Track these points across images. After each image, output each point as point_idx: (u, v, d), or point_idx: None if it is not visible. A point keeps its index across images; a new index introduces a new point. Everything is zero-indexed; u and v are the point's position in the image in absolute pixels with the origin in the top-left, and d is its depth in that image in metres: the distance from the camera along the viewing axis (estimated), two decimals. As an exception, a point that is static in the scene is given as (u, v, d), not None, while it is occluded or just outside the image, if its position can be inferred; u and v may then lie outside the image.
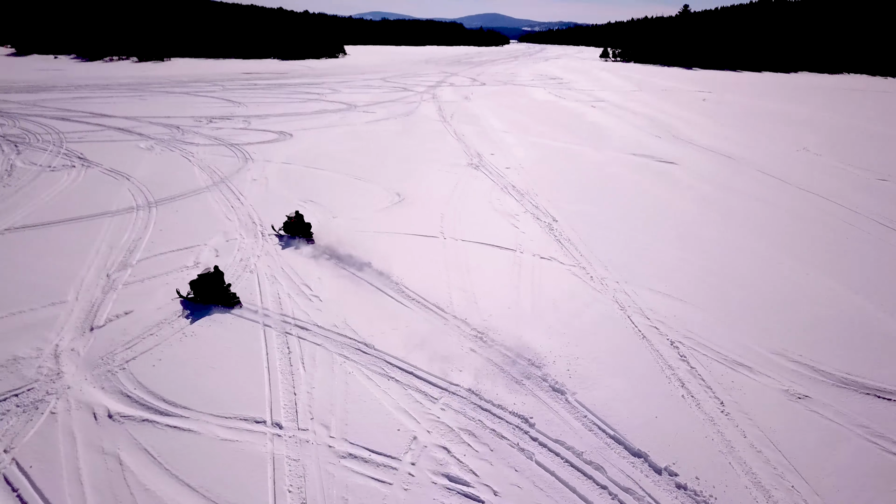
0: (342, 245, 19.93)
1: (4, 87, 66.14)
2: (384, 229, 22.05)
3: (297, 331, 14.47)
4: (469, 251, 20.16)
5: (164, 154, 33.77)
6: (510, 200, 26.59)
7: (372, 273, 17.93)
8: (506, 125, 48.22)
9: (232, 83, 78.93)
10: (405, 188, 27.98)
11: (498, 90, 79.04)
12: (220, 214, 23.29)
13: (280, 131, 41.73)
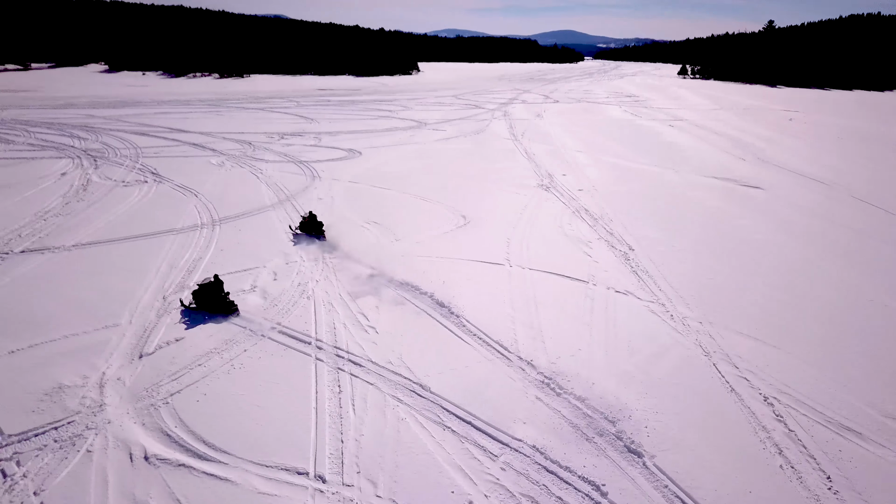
0: (402, 271, 19.02)
1: (93, 102, 69.10)
2: (447, 254, 21.00)
3: (350, 367, 13.53)
4: (537, 281, 18.86)
5: (234, 170, 33.91)
6: (582, 225, 25.13)
7: (432, 303, 16.88)
8: (579, 144, 46.64)
9: (306, 99, 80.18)
10: (471, 210, 26.93)
11: (571, 108, 77.35)
12: (283, 235, 22.81)
13: (349, 149, 41.51)
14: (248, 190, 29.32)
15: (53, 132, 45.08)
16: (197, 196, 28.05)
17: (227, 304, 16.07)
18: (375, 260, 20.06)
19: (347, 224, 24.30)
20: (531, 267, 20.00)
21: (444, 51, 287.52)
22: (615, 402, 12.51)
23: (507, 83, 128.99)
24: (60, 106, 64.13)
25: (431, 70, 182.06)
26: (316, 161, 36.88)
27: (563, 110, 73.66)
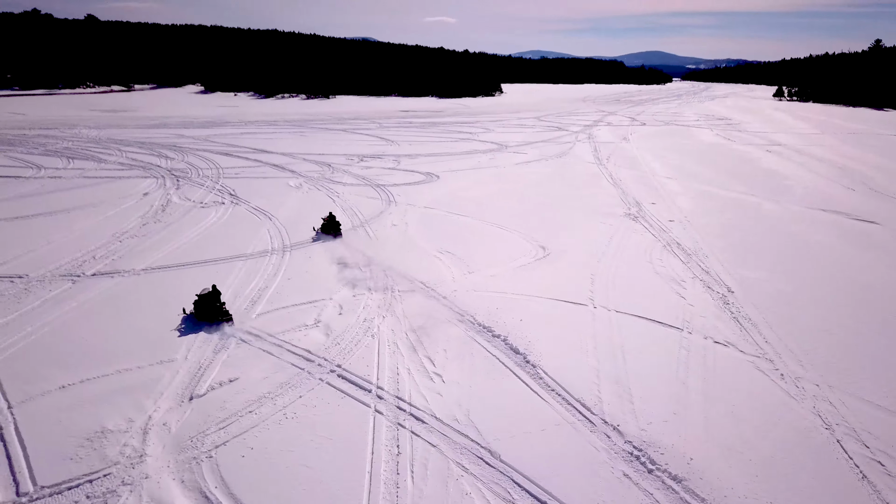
0: (473, 309, 17.58)
1: (185, 122, 71.59)
2: (524, 290, 19.39)
3: (412, 422, 12.15)
4: (624, 326, 16.97)
5: (311, 193, 33.52)
6: (675, 262, 22.97)
7: (505, 348, 15.32)
8: (668, 170, 44.07)
9: (388, 121, 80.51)
10: (552, 240, 25.24)
11: (659, 131, 74.27)
12: (353, 263, 21.83)
13: (427, 172, 40.62)
14: (324, 214, 28.67)
15: (143, 151, 46.44)
16: (271, 219, 27.62)
17: (223, 312, 16.62)
18: (446, 295, 18.71)
19: (419, 253, 23.12)
20: (618, 309, 18.11)
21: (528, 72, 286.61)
22: (718, 484, 10.56)
23: (591, 105, 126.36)
24: (154, 125, 66.67)
25: (514, 91, 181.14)
26: (393, 185, 36.10)
27: (651, 133, 70.76)
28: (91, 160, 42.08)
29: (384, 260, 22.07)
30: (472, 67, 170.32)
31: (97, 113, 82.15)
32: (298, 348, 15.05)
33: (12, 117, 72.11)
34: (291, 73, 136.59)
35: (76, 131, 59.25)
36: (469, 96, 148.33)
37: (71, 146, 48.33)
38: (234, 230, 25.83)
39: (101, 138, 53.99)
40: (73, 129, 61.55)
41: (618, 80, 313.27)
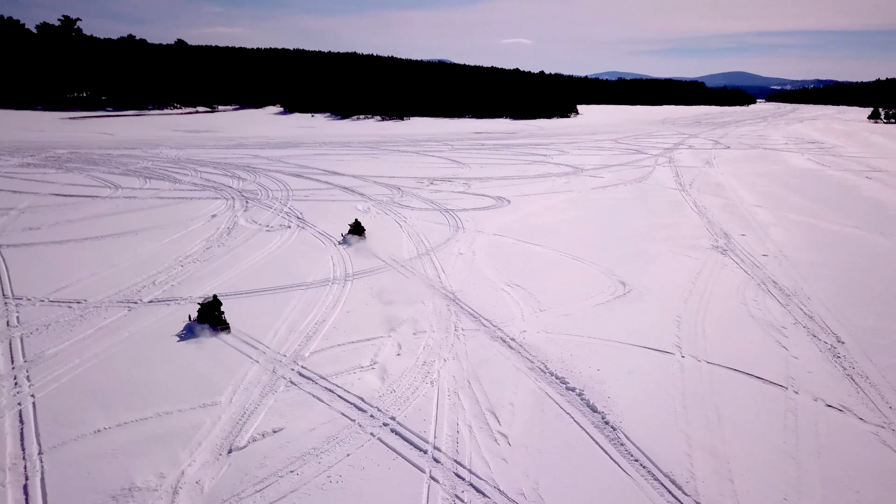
0: (545, 354, 15.87)
1: (262, 142, 72.80)
2: (602, 333, 17.52)
3: (471, 495, 10.54)
4: (717, 381, 14.86)
5: (378, 217, 32.58)
6: (772, 303, 20.55)
7: (580, 404, 13.52)
8: (757, 198, 41.04)
9: (461, 142, 79.71)
10: (632, 275, 23.20)
11: (745, 154, 70.42)
12: (416, 296, 20.48)
13: (498, 196, 39.13)
14: (389, 240, 27.59)
15: (218, 172, 46.93)
16: (336, 245, 26.70)
17: (222, 321, 17.38)
18: (514, 336, 17.07)
19: (486, 286, 21.56)
20: (709, 359, 15.99)
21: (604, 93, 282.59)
22: None
23: (671, 127, 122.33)
24: (232, 146, 67.98)
25: (591, 113, 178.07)
26: (462, 209, 34.78)
27: (736, 157, 67.09)
28: (167, 180, 42.69)
29: (448, 293, 20.63)
30: (548, 89, 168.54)
31: (179, 133, 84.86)
32: (351, 394, 13.72)
33: (101, 137, 75.18)
34: (367, 94, 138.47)
35: (157, 151, 60.92)
36: (544, 118, 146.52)
37: (150, 166, 49.43)
38: (297, 256, 25.01)
39: (179, 158, 55.18)
40: (155, 148, 63.39)
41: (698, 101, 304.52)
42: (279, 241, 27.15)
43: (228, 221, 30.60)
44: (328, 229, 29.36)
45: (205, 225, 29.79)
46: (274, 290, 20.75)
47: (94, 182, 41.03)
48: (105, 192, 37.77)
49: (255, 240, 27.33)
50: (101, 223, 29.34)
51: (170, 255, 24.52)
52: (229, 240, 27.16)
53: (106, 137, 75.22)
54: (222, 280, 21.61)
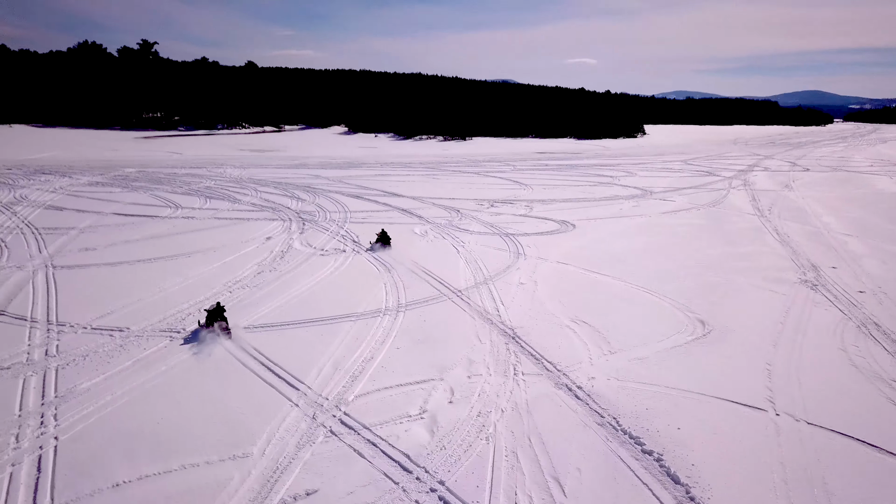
0: (617, 407, 14.01)
1: (324, 162, 72.96)
2: (681, 383, 15.50)
3: (530, 589, 8.86)
4: (822, 448, 12.69)
5: (436, 242, 31.23)
6: (876, 350, 18.06)
7: (659, 472, 11.63)
8: (845, 225, 37.81)
9: (524, 163, 78.09)
10: (711, 312, 21.01)
11: (827, 178, 66.20)
12: (472, 331, 18.92)
13: (562, 220, 37.27)
14: (446, 267, 26.15)
15: (278, 192, 46.70)
16: (390, 271, 25.43)
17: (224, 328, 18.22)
18: (581, 383, 15.26)
19: (549, 321, 19.80)
20: (810, 419, 13.78)
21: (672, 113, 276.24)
22: None
23: (743, 147, 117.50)
24: (295, 165, 68.27)
25: (658, 133, 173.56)
26: (523, 234, 33.10)
27: (817, 181, 63.07)
28: (226, 200, 42.61)
29: (507, 329, 18.98)
30: (613, 108, 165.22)
31: (245, 152, 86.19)
32: (396, 450, 12.22)
33: (169, 156, 76.93)
34: (430, 114, 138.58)
35: (222, 170, 61.58)
36: (609, 138, 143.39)
37: (212, 185, 49.68)
38: (349, 283, 23.84)
39: (242, 178, 55.46)
40: (219, 167, 64.18)
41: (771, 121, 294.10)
42: (332, 266, 26.08)
43: (283, 244, 29.80)
44: (383, 254, 28.18)
45: (258, 248, 29.07)
46: (322, 320, 19.55)
47: (156, 201, 41.24)
48: (165, 211, 37.78)
49: (308, 264, 26.35)
50: (156, 245, 28.97)
51: (220, 279, 23.72)
52: (282, 264, 26.26)
53: (174, 156, 76.91)
54: (270, 308, 20.57)
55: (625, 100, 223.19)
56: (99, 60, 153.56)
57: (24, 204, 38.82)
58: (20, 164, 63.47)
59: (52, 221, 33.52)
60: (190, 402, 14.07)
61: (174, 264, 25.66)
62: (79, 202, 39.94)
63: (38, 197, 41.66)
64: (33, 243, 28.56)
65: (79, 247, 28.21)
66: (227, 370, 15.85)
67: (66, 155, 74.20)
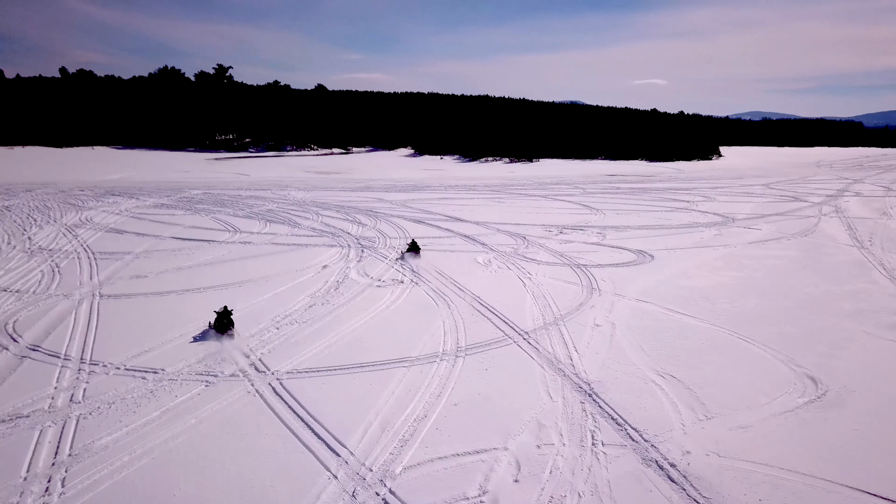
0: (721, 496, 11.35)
1: (389, 185, 71.91)
2: (801, 464, 12.67)
3: None
4: None
5: (500, 273, 28.97)
6: None
7: None
8: (964, 260, 33.49)
9: (593, 186, 75.05)
10: (822, 366, 17.95)
11: (930, 204, 60.50)
12: (541, 384, 16.52)
13: (639, 250, 34.39)
14: (511, 303, 23.84)
15: (339, 216, 45.46)
16: (450, 307, 23.31)
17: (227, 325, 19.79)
18: (675, 460, 12.65)
19: (631, 374, 17.21)
20: (978, 525, 10.82)
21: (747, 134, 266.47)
22: None
23: (827, 171, 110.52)
24: (359, 188, 67.37)
25: (734, 154, 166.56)
26: (596, 265, 30.46)
27: (920, 207, 57.61)
28: (287, 224, 41.57)
29: (582, 384, 16.49)
30: (686, 129, 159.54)
31: (311, 174, 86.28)
32: None
33: (237, 178, 77.54)
34: (496, 136, 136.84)
35: (286, 193, 61.17)
36: (683, 160, 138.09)
37: (274, 208, 48.96)
38: (405, 320, 21.83)
39: (305, 201, 54.71)
40: (283, 190, 63.87)
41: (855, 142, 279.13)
42: (388, 300, 24.15)
43: (339, 273, 28.15)
44: (442, 286, 26.12)
45: (313, 277, 27.49)
46: (373, 365, 17.54)
47: (216, 225, 40.55)
48: (223, 236, 36.90)
49: (364, 297, 24.51)
50: (208, 272, 27.76)
51: (269, 313, 22.13)
52: (335, 296, 24.51)
53: (241, 178, 77.48)
54: (317, 349, 18.72)
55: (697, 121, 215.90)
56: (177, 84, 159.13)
57: (87, 227, 38.72)
58: (94, 185, 64.85)
59: (109, 246, 32.98)
60: (214, 469, 12.21)
61: (224, 295, 24.24)
62: (140, 225, 39.62)
63: (103, 219, 41.64)
64: (86, 269, 27.83)
65: (130, 274, 27.29)
66: (262, 425, 13.98)
67: (139, 176, 75.78)
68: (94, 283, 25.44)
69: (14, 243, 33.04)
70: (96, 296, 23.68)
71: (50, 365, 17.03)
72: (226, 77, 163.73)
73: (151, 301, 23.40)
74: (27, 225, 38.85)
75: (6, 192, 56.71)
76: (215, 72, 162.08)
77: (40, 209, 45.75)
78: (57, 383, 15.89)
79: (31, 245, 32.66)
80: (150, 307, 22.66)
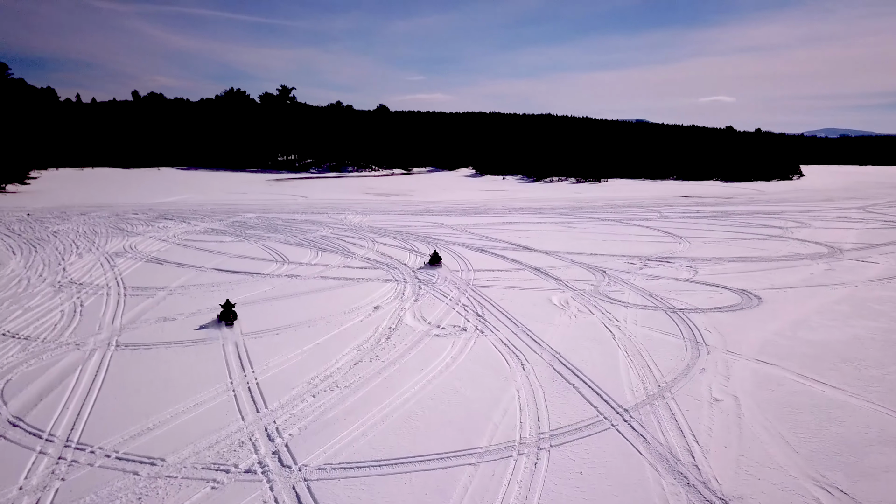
0: None
1: (449, 208, 68.24)
2: None
3: None
4: None
5: (581, 318, 24.52)
6: None
7: None
8: None
9: (670, 209, 69.48)
10: None
11: None
12: (657, 498, 12.08)
13: (741, 290, 29.32)
14: (600, 363, 19.41)
15: (395, 244, 41.85)
16: (524, 367, 19.05)
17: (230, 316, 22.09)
18: None
19: (779, 481, 12.54)
20: None
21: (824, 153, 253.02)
22: None
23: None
24: (418, 212, 63.91)
25: (815, 174, 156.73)
26: (695, 310, 25.66)
27: None
28: (339, 253, 38.16)
29: (716, 500, 11.95)
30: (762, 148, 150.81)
31: (370, 196, 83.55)
32: None
33: (294, 200, 75.35)
34: (560, 156, 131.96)
35: (342, 216, 58.20)
36: (761, 180, 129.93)
37: (328, 235, 45.78)
38: (470, 386, 17.66)
39: (361, 226, 51.47)
40: (340, 213, 60.96)
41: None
42: (449, 355, 20.06)
43: (392, 317, 24.27)
44: (513, 336, 21.90)
45: (363, 321, 23.70)
46: (429, 460, 13.43)
47: (264, 254, 37.46)
48: (269, 267, 33.67)
49: (419, 350, 20.51)
50: (246, 314, 24.23)
51: (306, 372, 18.36)
52: (387, 349, 20.59)
53: (299, 200, 75.25)
54: (359, 429, 14.76)
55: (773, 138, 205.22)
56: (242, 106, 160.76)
57: (128, 255, 36.22)
58: (150, 207, 63.52)
59: (145, 279, 30.12)
60: None
61: (256, 346, 20.65)
62: (184, 254, 36.86)
63: (147, 247, 39.18)
64: (111, 309, 24.81)
65: (158, 315, 24.08)
66: None
67: (196, 198, 74.47)
68: (114, 328, 22.27)
69: (46, 275, 30.56)
70: (111, 345, 20.43)
71: (26, 449, 13.58)
72: (289, 98, 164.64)
73: (173, 354, 19.95)
74: (67, 253, 36.62)
75: (61, 215, 55.59)
76: (279, 93, 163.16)
77: (87, 234, 43.82)
78: (25, 480, 12.38)
79: (63, 277, 30.08)
80: (170, 362, 19.18)
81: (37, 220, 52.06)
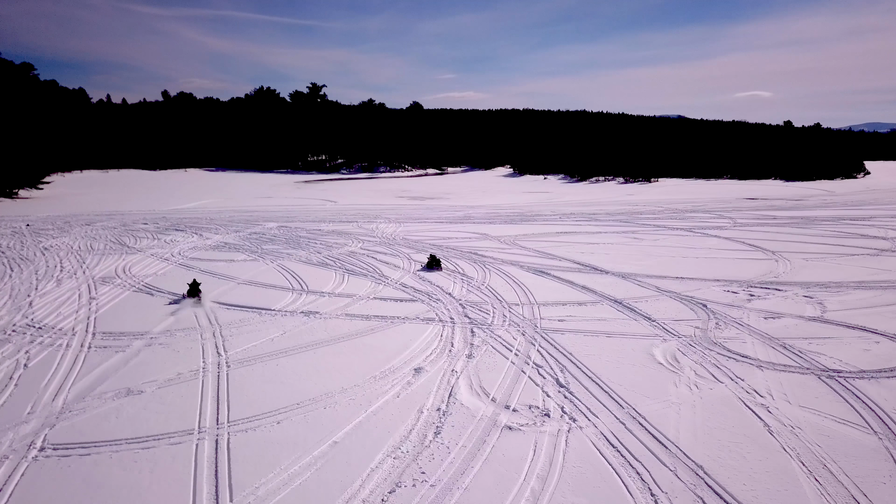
0: None
1: (491, 214, 61.34)
2: None
3: None
4: None
5: (705, 389, 17.41)
6: None
7: None
8: None
9: (738, 213, 61.63)
10: None
11: None
12: None
13: (891, 334, 21.90)
14: (773, 489, 12.38)
15: (436, 264, 35.04)
16: (644, 477, 12.11)
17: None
18: None
19: None
20: None
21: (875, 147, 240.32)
22: None
23: None
24: (457, 219, 57.18)
25: (880, 171, 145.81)
26: (859, 374, 18.34)
27: None
28: (369, 277, 31.56)
29: None
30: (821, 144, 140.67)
31: (403, 200, 77.09)
32: None
33: (322, 205, 69.26)
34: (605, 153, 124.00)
35: (374, 226, 51.74)
36: (823, 178, 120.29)
37: (357, 251, 39.26)
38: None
39: (394, 238, 44.90)
40: (371, 222, 54.53)
41: None
42: (533, 472, 13.12)
43: (441, 389, 17.46)
44: (616, 423, 14.97)
45: (399, 397, 16.94)
46: None
47: (279, 279, 31.05)
48: (284, 298, 27.20)
49: (486, 460, 13.63)
50: (236, 384, 17.72)
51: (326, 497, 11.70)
52: (435, 456, 13.75)
53: (327, 206, 69.16)
54: None
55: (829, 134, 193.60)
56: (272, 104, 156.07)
57: (117, 281, 30.12)
58: (164, 215, 57.94)
59: (123, 319, 23.83)
60: None
61: (244, 451, 13.97)
62: (184, 279, 30.43)
63: (143, 269, 33.10)
64: (62, 371, 18.43)
65: (121, 384, 17.57)
66: None
67: (217, 203, 68.81)
68: (51, 410, 15.83)
69: (3, 312, 24.49)
70: (35, 446, 13.95)
71: None
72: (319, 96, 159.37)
73: (117, 466, 13.34)
74: (46, 278, 30.66)
75: (63, 225, 50.11)
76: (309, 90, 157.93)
77: (80, 251, 37.99)
78: None
79: (23, 317, 23.92)
80: (108, 485, 12.61)
81: (34, 231, 46.58)
